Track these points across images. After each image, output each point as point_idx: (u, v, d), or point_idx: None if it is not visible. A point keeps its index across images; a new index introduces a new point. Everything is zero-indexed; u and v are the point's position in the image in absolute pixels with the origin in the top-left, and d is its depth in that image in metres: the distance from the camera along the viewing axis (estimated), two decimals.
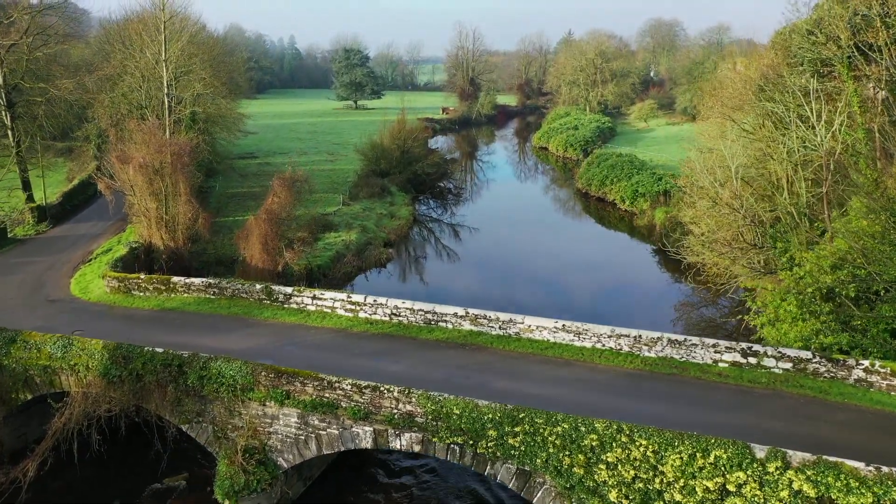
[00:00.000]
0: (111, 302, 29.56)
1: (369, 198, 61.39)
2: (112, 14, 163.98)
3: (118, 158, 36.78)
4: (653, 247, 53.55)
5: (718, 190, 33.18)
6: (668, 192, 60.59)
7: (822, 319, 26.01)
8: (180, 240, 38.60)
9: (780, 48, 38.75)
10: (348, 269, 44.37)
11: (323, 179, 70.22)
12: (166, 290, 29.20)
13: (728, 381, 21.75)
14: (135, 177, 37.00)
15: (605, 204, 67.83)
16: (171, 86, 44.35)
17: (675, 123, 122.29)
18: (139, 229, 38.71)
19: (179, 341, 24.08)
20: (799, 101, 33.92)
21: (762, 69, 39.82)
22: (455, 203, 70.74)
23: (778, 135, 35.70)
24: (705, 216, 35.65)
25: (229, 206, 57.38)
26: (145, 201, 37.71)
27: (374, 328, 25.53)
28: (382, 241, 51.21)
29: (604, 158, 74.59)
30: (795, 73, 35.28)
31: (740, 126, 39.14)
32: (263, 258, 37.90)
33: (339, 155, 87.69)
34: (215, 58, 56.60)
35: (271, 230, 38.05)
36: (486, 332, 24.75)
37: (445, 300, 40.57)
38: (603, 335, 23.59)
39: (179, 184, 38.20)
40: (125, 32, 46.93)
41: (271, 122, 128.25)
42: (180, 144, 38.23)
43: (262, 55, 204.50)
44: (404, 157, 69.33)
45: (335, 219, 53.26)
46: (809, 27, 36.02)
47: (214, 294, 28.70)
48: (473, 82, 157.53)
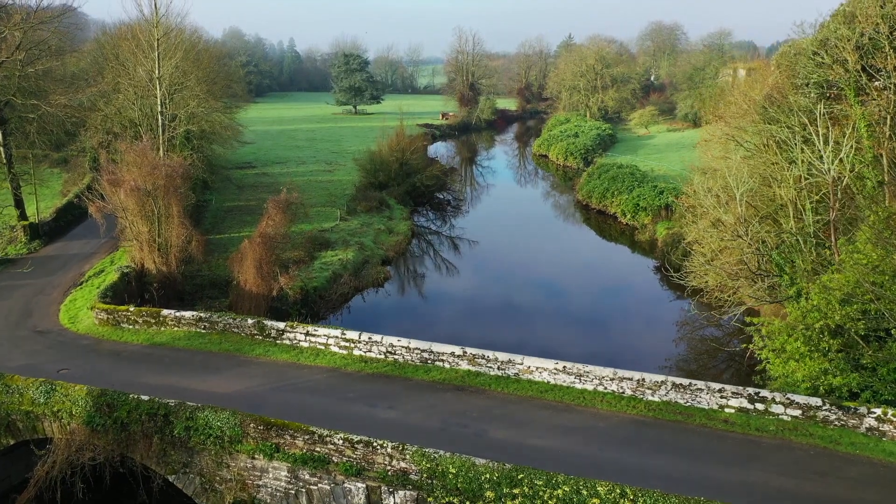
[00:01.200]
0: (100, 335, 28.79)
1: (367, 212, 60.62)
2: (109, 15, 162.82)
3: (109, 181, 36.01)
4: (655, 262, 52.82)
5: (722, 216, 32.39)
6: (669, 206, 59.83)
7: (831, 357, 25.27)
8: (173, 264, 37.83)
9: (784, 69, 37.94)
10: (345, 290, 43.59)
11: (320, 192, 69.53)
12: (156, 323, 28.42)
13: (735, 430, 20.97)
14: (126, 200, 36.25)
15: (606, 217, 67.05)
16: (165, 103, 43.55)
17: (675, 130, 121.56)
18: (131, 252, 37.95)
19: (168, 383, 23.32)
20: (805, 124, 33.20)
21: (766, 88, 39.03)
22: (454, 215, 69.97)
23: (783, 159, 34.98)
24: (708, 237, 34.90)
25: (225, 221, 56.61)
26: (137, 225, 36.96)
27: (368, 367, 24.76)
28: (380, 259, 50.43)
29: (604, 170, 73.80)
30: (801, 95, 34.49)
31: (745, 147, 38.43)
32: (258, 282, 37.12)
33: (338, 164, 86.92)
34: (211, 71, 55.76)
35: (265, 254, 37.26)
36: (485, 373, 23.98)
37: (444, 320, 40.10)
38: (605, 378, 22.81)
39: (172, 206, 37.46)
40: (118, 49, 46.03)
41: (269, 129, 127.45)
42: (173, 166, 37.44)
43: (261, 59, 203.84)
44: (403, 168, 68.58)
45: (332, 235, 52.48)
46: (815, 48, 35.23)
47: (205, 328, 27.92)
48: (473, 87, 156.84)
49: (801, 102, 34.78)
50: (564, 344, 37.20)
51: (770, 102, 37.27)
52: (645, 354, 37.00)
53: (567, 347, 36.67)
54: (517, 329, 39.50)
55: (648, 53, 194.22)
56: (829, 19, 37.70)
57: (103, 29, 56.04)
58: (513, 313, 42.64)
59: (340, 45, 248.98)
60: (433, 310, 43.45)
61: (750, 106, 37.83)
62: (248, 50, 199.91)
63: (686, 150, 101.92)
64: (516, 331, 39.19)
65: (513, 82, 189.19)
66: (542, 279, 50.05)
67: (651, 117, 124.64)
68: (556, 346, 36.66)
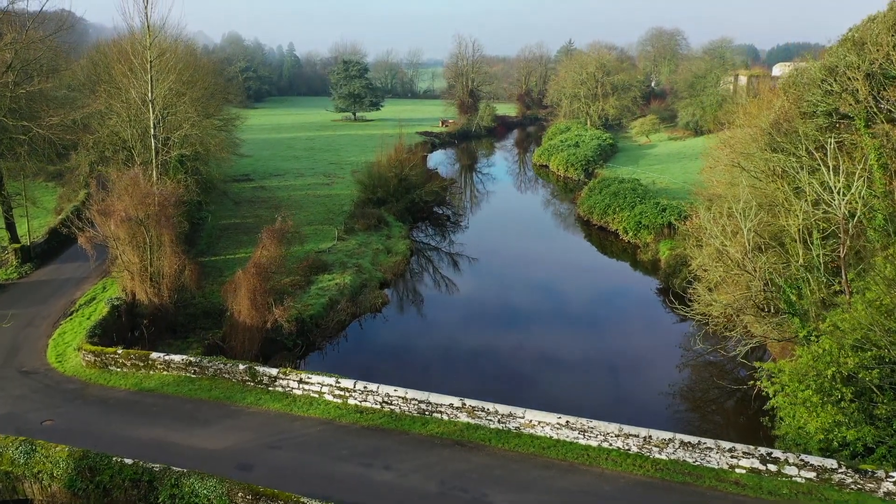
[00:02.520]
0: (87, 378, 27.87)
1: (365, 230, 59.71)
2: (111, 19, 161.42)
3: (99, 211, 35.11)
4: (658, 283, 51.91)
5: (729, 248, 31.44)
6: (671, 224, 58.94)
7: (843, 406, 24.38)
8: (165, 294, 36.90)
9: (791, 94, 37.01)
10: (342, 318, 42.62)
11: (318, 208, 68.65)
12: (145, 366, 27.50)
13: (747, 493, 20.06)
14: (117, 230, 35.36)
15: (608, 233, 66.12)
16: (158, 126, 42.62)
17: (677, 138, 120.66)
18: (123, 282, 37.03)
19: (154, 437, 22.38)
20: (813, 153, 32.30)
21: (773, 113, 38.09)
22: (454, 230, 69.04)
23: (790, 189, 34.05)
24: (713, 269, 33.96)
25: (221, 241, 55.69)
26: (128, 255, 36.06)
27: (363, 419, 23.82)
28: (378, 282, 49.50)
29: (605, 185, 72.88)
30: (808, 124, 33.56)
31: (751, 173, 37.47)
32: (252, 314, 36.17)
33: (336, 177, 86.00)
34: (207, 88, 54.82)
35: (260, 284, 36.31)
36: (485, 426, 23.05)
37: (442, 349, 39.12)
38: (610, 434, 21.88)
39: (164, 235, 36.56)
40: (110, 69, 45.08)
41: (268, 137, 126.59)
42: (165, 195, 36.52)
43: (259, 64, 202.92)
44: (402, 184, 67.67)
45: (329, 257, 51.57)
46: (823, 75, 34.29)
47: (195, 373, 27.00)
48: (473, 94, 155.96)
49: (809, 131, 33.88)
50: (565, 369, 36.40)
51: (777, 129, 36.34)
52: (649, 379, 36.36)
53: (568, 373, 35.93)
54: (517, 353, 38.72)
55: (649, 59, 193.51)
56: (837, 45, 36.81)
57: (97, 46, 54.89)
58: (513, 335, 41.85)
59: (340, 50, 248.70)
60: (432, 335, 42.47)
61: (756, 132, 36.90)
62: (248, 55, 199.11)
63: (688, 160, 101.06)
64: (516, 355, 38.42)
65: (513, 87, 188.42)
66: (542, 299, 49.14)
67: (652, 126, 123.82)
68: (557, 372, 35.94)
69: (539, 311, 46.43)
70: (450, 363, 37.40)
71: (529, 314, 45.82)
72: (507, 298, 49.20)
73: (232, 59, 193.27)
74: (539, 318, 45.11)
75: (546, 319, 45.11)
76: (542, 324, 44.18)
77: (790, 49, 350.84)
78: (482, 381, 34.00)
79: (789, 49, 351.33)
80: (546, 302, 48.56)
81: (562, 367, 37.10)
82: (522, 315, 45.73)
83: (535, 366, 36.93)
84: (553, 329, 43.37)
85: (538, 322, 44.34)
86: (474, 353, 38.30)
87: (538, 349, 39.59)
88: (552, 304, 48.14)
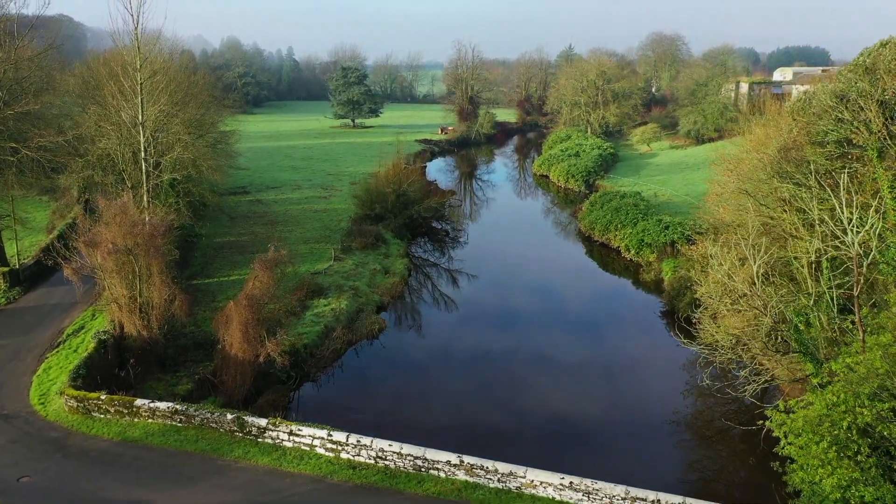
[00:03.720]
0: (69, 425, 26.73)
1: (363, 249, 58.59)
2: (111, 23, 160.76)
3: (86, 242, 33.98)
4: (661, 305, 50.88)
5: (738, 285, 30.31)
6: (675, 242, 57.87)
7: (860, 460, 23.25)
8: (155, 326, 35.77)
9: (800, 121, 35.90)
10: (337, 346, 41.47)
11: (315, 224, 67.57)
12: (129, 413, 26.38)
13: None
14: (104, 262, 34.24)
15: (609, 250, 64.99)
16: (149, 149, 41.51)
17: (678, 147, 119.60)
18: (110, 313, 35.89)
19: (136, 498, 21.25)
20: (824, 186, 31.20)
21: (780, 138, 36.99)
22: (453, 246, 67.96)
23: (800, 221, 32.96)
24: (719, 300, 32.79)
25: (216, 261, 54.54)
26: (116, 287, 34.93)
27: (357, 476, 22.69)
28: (375, 306, 48.39)
29: (607, 199, 71.78)
30: (819, 155, 32.44)
31: (759, 202, 36.37)
32: (244, 348, 35.02)
33: (334, 190, 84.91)
34: (201, 106, 53.69)
35: (252, 317, 35.14)
36: (484, 485, 21.93)
37: (442, 369, 38.04)
38: (616, 497, 20.76)
39: (153, 266, 35.44)
40: (101, 90, 43.95)
41: (266, 146, 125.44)
42: (154, 225, 35.39)
43: (258, 70, 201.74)
44: (400, 200, 66.54)
45: (325, 279, 50.44)
46: (832, 102, 33.15)
47: (181, 422, 25.87)
48: (473, 101, 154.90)
49: (819, 160, 32.77)
50: (569, 393, 35.44)
51: (785, 156, 35.22)
52: (654, 405, 35.59)
53: (572, 397, 34.94)
54: (516, 381, 37.77)
55: (649, 64, 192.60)
56: (848, 70, 35.73)
57: (87, 61, 53.58)
58: (513, 361, 41.00)
59: (339, 54, 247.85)
60: (429, 364, 41.31)
61: (764, 159, 35.81)
62: (246, 60, 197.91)
63: (690, 171, 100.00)
64: (515, 383, 37.46)
65: (512, 92, 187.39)
66: (543, 320, 48.06)
67: (653, 134, 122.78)
68: (562, 395, 34.99)
69: (539, 332, 45.42)
70: (447, 397, 36.32)
71: (528, 338, 44.74)
72: (506, 323, 48.07)
73: (230, 64, 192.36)
74: (539, 338, 44.12)
75: (546, 339, 44.25)
76: (542, 342, 43.32)
77: (790, 52, 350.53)
78: (479, 418, 32.95)
79: (789, 52, 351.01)
80: (547, 323, 47.43)
81: (559, 380, 36.03)
82: (521, 341, 44.65)
83: (531, 381, 35.79)
84: (553, 349, 42.35)
85: (537, 342, 43.28)
86: (473, 390, 37.18)
87: (538, 370, 38.62)
88: (553, 325, 47.01)
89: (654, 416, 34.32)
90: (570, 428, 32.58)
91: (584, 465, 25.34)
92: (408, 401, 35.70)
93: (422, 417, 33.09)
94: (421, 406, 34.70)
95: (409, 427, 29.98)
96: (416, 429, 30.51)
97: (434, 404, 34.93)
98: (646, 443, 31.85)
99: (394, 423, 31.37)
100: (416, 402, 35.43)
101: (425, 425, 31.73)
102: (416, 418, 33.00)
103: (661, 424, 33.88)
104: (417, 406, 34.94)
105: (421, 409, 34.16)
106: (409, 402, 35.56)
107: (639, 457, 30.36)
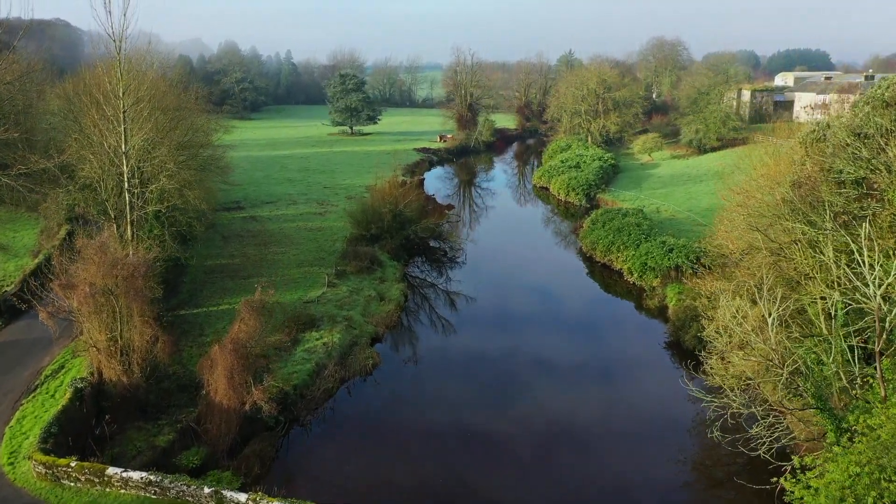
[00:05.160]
0: (37, 493, 25.01)
1: (357, 273, 56.89)
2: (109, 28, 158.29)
3: (61, 285, 32.26)
4: (665, 334, 49.24)
5: (752, 338, 28.57)
6: (679, 267, 56.17)
7: None
8: (136, 371, 34.06)
9: (813, 155, 34.18)
10: (329, 385, 39.70)
11: (310, 244, 65.85)
12: (100, 482, 24.65)
13: None
14: (81, 306, 32.52)
15: (612, 272, 63.26)
16: (133, 180, 39.78)
17: (680, 157, 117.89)
18: (89, 358, 34.18)
19: None
20: (841, 230, 29.50)
21: (793, 172, 35.26)
22: (451, 266, 66.27)
23: (816, 265, 31.25)
24: (736, 358, 31.04)
25: (205, 288, 52.74)
26: (94, 332, 33.21)
27: None
28: (370, 338, 46.68)
29: (609, 218, 70.01)
30: (835, 196, 30.72)
31: (770, 239, 34.63)
32: (229, 395, 33.32)
33: (330, 205, 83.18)
34: (191, 127, 51.94)
35: (238, 363, 33.44)
36: None
37: (436, 417, 36.29)
38: None
39: (134, 308, 33.71)
40: (83, 120, 42.21)
41: (262, 155, 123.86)
42: (134, 265, 33.62)
43: (256, 75, 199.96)
44: (396, 220, 64.82)
45: (318, 308, 48.71)
46: (848, 138, 31.41)
47: (156, 493, 24.15)
48: (472, 108, 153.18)
49: (835, 201, 31.05)
50: (576, 461, 33.58)
51: (798, 192, 33.49)
52: (661, 445, 34.27)
53: (568, 448, 33.06)
54: (514, 416, 36.27)
55: (650, 69, 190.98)
56: (863, 102, 34.03)
57: (71, 78, 51.50)
58: (513, 393, 39.81)
59: (338, 57, 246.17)
60: (424, 406, 39.58)
61: (777, 196, 34.11)
62: (244, 65, 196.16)
63: (692, 183, 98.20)
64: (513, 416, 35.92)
65: (512, 97, 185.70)
66: (544, 356, 46.35)
67: (655, 144, 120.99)
68: (569, 460, 33.12)
69: (540, 369, 43.69)
70: (441, 443, 34.67)
71: (530, 369, 43.15)
72: (505, 356, 46.36)
73: (228, 70, 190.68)
74: (540, 377, 42.44)
75: (550, 372, 42.75)
76: (543, 382, 41.72)
77: (791, 55, 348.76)
78: (477, 481, 31.31)
79: (790, 55, 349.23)
80: (548, 359, 45.67)
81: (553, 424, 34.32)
82: (522, 373, 43.06)
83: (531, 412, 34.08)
84: (556, 385, 40.69)
85: (538, 380, 41.58)
86: (471, 426, 35.55)
87: (540, 398, 36.86)
88: (555, 362, 45.24)
89: (660, 456, 32.82)
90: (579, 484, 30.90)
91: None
92: (400, 452, 33.97)
93: (414, 476, 31.50)
94: (413, 464, 32.97)
95: (401, 490, 28.35)
96: (408, 491, 28.95)
97: (426, 462, 33.21)
98: (654, 490, 30.32)
99: (388, 489, 29.90)
100: (409, 456, 33.71)
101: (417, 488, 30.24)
102: (409, 478, 31.44)
103: (669, 464, 32.68)
104: (410, 459, 33.26)
105: (411, 470, 32.44)
106: (401, 454, 33.83)
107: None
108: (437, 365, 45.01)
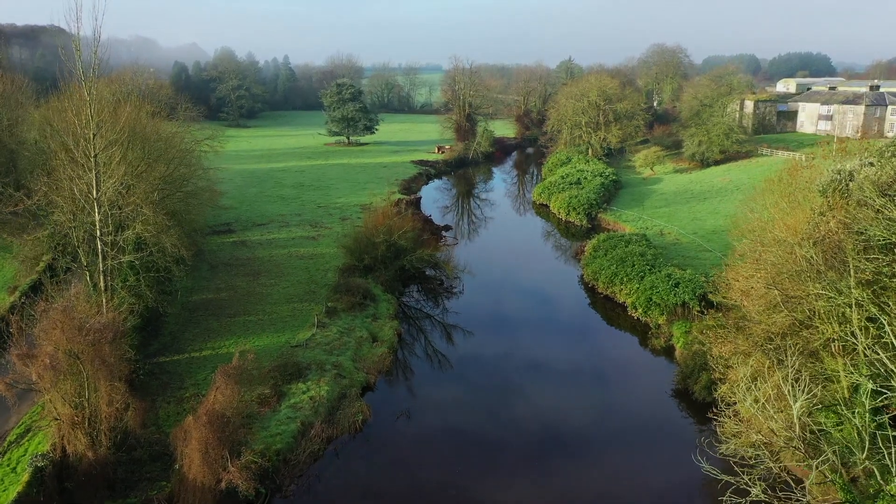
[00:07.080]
0: None
1: (349, 309, 54.24)
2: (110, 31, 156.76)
3: (19, 356, 29.66)
4: (672, 382, 46.58)
5: (774, 425, 26.02)
6: (686, 303, 53.61)
7: None
8: (103, 444, 31.43)
9: (837, 208, 31.57)
10: (315, 448, 37.08)
11: (301, 275, 63.26)
12: None
13: None
14: (41, 378, 29.94)
15: (615, 305, 60.60)
16: (105, 228, 37.15)
17: (683, 170, 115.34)
18: (50, 432, 31.60)
19: None
20: (866, 304, 26.94)
21: (814, 227, 32.65)
22: (447, 297, 63.72)
23: (841, 331, 28.71)
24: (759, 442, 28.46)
25: (189, 328, 50.10)
26: (56, 404, 30.62)
27: None
28: (360, 387, 44.05)
29: (611, 246, 67.38)
30: (862, 262, 28.13)
31: (792, 306, 32.07)
32: (203, 471, 30.74)
33: (323, 227, 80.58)
34: (172, 160, 49.30)
35: (213, 436, 30.85)
36: None
37: (432, 479, 33.62)
38: None
39: (100, 376, 31.10)
40: (51, 161, 39.61)
41: (256, 168, 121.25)
42: (101, 330, 30.98)
43: (252, 81, 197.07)
44: (390, 250, 62.20)
45: (306, 354, 46.07)
46: (878, 200, 28.77)
47: None
48: (470, 118, 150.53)
49: (864, 267, 28.45)
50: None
51: (822, 253, 30.87)
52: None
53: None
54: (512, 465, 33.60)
55: (651, 76, 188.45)
56: (893, 154, 31.46)
57: (41, 123, 48.32)
58: (513, 441, 37.34)
59: (336, 62, 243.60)
60: (419, 470, 37.05)
61: (796, 252, 31.54)
62: (240, 72, 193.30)
63: (696, 201, 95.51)
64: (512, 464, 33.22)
65: (512, 104, 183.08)
66: (543, 405, 43.90)
67: (656, 158, 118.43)
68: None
69: (546, 427, 41.09)
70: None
71: (531, 420, 40.58)
72: (503, 401, 43.92)
73: (224, 76, 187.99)
74: (545, 434, 39.90)
75: (554, 441, 39.99)
76: (549, 444, 39.06)
77: (791, 59, 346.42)
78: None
79: (791, 59, 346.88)
80: (551, 414, 43.03)
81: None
82: (524, 427, 40.57)
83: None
84: (557, 459, 38.00)
85: (543, 442, 38.97)
86: (468, 490, 33.00)
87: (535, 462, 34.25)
88: (558, 417, 42.57)
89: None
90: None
91: None
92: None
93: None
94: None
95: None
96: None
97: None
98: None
99: None
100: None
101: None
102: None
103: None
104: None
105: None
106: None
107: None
108: (431, 420, 42.44)
